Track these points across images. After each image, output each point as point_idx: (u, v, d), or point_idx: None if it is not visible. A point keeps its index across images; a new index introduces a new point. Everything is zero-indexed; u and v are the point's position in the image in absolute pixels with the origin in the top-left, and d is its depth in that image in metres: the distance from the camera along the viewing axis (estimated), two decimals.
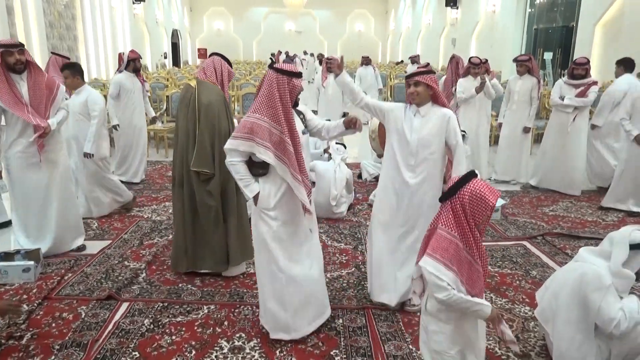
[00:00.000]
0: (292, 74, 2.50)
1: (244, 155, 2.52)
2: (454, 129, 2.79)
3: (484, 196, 1.88)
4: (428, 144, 2.80)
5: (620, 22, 10.66)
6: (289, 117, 2.48)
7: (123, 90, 5.67)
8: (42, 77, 3.61)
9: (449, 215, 1.95)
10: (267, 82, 2.49)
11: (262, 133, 2.44)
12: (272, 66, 2.53)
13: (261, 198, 2.55)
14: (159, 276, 3.52)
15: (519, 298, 3.28)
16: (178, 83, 10.78)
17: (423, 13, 22.82)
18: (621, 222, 4.78)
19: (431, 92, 2.78)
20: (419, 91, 2.76)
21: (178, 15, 24.93)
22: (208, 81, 3.25)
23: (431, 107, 2.81)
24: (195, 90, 3.21)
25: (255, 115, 2.47)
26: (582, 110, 5.40)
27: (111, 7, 15.14)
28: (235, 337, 2.79)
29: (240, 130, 2.48)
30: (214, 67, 3.30)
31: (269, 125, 2.45)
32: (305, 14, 29.30)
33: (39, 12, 10.09)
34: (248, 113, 2.50)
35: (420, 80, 2.75)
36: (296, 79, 2.51)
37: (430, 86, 2.76)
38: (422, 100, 2.80)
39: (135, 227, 4.48)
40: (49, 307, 3.07)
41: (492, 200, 1.88)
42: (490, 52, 14.49)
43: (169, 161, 7.11)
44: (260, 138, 2.44)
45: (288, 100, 2.48)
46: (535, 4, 15.30)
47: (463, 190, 1.92)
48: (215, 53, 3.41)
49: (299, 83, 2.52)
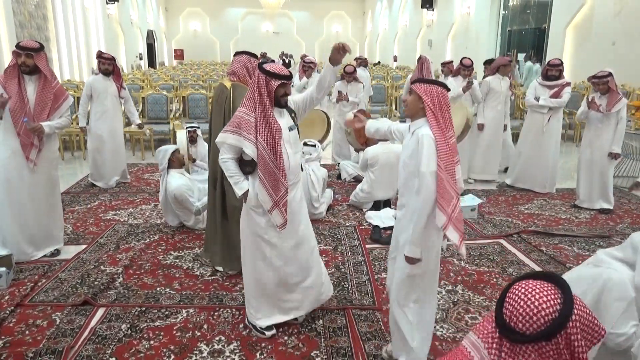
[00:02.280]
0: (272, 75, 2.50)
1: (235, 151, 2.56)
2: (425, 156, 2.18)
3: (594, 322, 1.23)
4: (410, 171, 2.31)
5: (589, 25, 10.97)
6: (267, 115, 2.50)
7: (94, 93, 5.57)
8: (50, 84, 3.63)
9: None
10: (254, 80, 2.54)
11: (248, 127, 2.49)
12: (260, 65, 2.56)
13: (250, 195, 2.60)
14: (136, 280, 3.47)
15: (496, 295, 3.34)
16: (154, 84, 10.63)
17: (399, 14, 23.05)
18: (593, 219, 4.92)
19: (421, 104, 2.26)
20: (409, 101, 2.33)
21: (153, 16, 24.60)
22: (241, 83, 3.25)
23: (424, 123, 2.27)
24: (230, 94, 3.24)
25: (242, 110, 2.53)
26: (557, 111, 5.54)
27: (84, 7, 14.84)
28: (215, 340, 2.76)
29: (230, 125, 2.54)
30: (245, 67, 3.28)
31: (255, 121, 2.50)
32: (282, 15, 29.25)
33: (8, 12, 9.82)
34: (239, 108, 2.56)
35: (414, 88, 2.30)
36: (275, 80, 2.50)
37: (421, 97, 2.25)
38: (411, 113, 2.34)
39: (111, 230, 4.40)
40: (22, 315, 2.99)
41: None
42: (465, 53, 14.68)
43: (146, 164, 7.01)
44: (247, 132, 2.49)
45: (266, 100, 2.49)
46: (508, 6, 15.61)
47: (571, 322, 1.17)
48: (243, 52, 3.39)
49: (277, 84, 2.51)
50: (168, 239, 4.23)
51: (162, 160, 4.42)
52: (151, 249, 4.02)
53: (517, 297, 1.20)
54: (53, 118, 3.67)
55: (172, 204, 4.33)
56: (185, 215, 4.39)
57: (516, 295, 1.20)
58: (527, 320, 1.17)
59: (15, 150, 3.56)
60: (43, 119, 3.59)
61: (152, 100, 8.17)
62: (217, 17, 29.09)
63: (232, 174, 2.59)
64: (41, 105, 3.59)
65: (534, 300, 1.17)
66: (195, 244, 4.14)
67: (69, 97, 3.81)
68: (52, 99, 3.65)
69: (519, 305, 1.18)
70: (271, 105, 2.52)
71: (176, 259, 3.84)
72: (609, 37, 10.16)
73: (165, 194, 4.34)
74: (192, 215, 4.38)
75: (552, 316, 1.15)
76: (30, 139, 3.54)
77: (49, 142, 3.73)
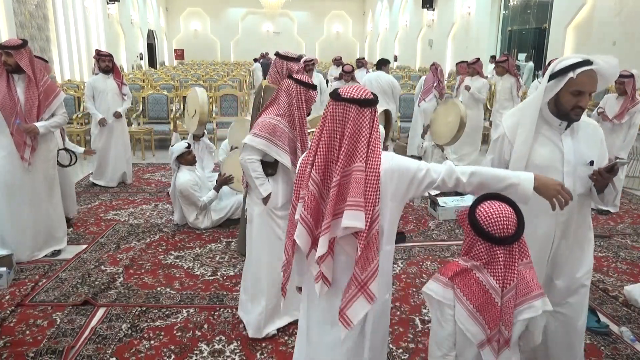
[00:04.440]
0: (309, 85, 2.56)
1: (261, 153, 2.55)
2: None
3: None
4: None
5: (590, 25, 10.96)
6: (303, 125, 2.56)
7: (96, 92, 5.61)
8: (36, 82, 3.56)
9: None
10: (286, 89, 2.53)
11: (282, 136, 2.52)
12: (290, 76, 2.57)
13: (272, 197, 2.61)
14: (136, 280, 3.47)
15: None
16: (154, 84, 10.64)
17: (400, 14, 23.05)
18: (593, 219, 4.89)
19: None
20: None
21: (154, 16, 24.60)
22: (272, 85, 3.27)
23: None
24: (262, 96, 3.29)
25: (277, 119, 2.52)
26: None
27: (84, 7, 14.85)
28: (215, 340, 2.77)
29: (263, 130, 2.51)
30: (276, 69, 3.31)
31: (288, 130, 2.54)
32: (283, 15, 29.24)
33: (9, 12, 9.83)
34: (268, 114, 2.54)
35: None
36: (313, 90, 2.57)
37: None
38: None
39: (111, 230, 4.41)
40: (22, 314, 2.99)
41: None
42: (465, 53, 14.70)
43: (146, 163, 7.01)
44: (280, 141, 2.52)
45: (304, 110, 2.56)
46: (509, 6, 15.60)
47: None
48: (276, 53, 3.41)
49: (315, 95, 2.59)
50: (168, 239, 4.23)
51: (171, 159, 4.50)
52: (152, 249, 4.02)
53: (491, 214, 1.54)
54: (45, 116, 3.63)
55: (179, 198, 4.40)
56: (189, 212, 4.42)
57: (489, 213, 1.54)
58: (505, 227, 1.52)
59: (11, 151, 3.54)
60: (34, 118, 3.55)
61: (153, 100, 8.17)
62: (217, 17, 29.09)
63: (258, 175, 2.57)
64: (29, 104, 3.53)
65: (504, 212, 1.54)
66: (196, 243, 4.14)
67: (60, 93, 3.75)
68: (42, 97, 3.58)
69: (495, 219, 1.53)
70: (307, 114, 2.60)
71: (177, 259, 3.84)
72: (609, 37, 10.15)
73: (174, 189, 4.44)
74: (194, 212, 4.41)
75: (516, 223, 1.54)
76: (23, 139, 3.52)
77: (44, 141, 3.70)
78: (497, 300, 1.50)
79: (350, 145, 1.51)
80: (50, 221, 3.84)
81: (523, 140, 2.01)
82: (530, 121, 2.00)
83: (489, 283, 1.51)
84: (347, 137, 1.51)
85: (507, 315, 1.51)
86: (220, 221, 4.50)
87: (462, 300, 1.53)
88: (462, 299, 1.53)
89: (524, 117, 2.04)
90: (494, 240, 1.51)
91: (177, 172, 4.45)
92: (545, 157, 2.01)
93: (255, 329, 2.74)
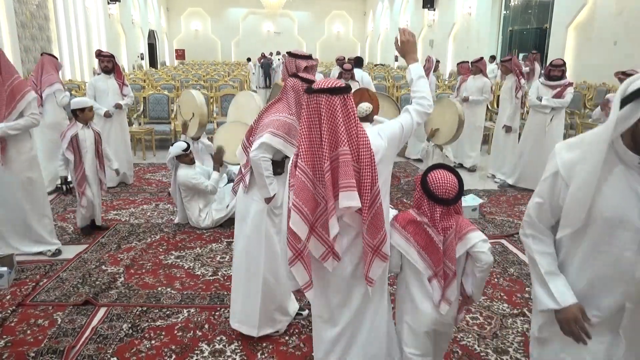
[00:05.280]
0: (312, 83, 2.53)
1: (273, 152, 2.53)
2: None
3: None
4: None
5: (591, 25, 10.95)
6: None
7: (97, 92, 5.63)
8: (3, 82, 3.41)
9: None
10: (292, 87, 2.51)
11: (296, 135, 2.49)
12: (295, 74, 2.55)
13: (276, 197, 2.58)
14: (137, 280, 3.47)
15: (497, 295, 3.33)
16: (155, 84, 10.64)
17: (401, 14, 23.05)
18: None
19: None
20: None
21: (155, 16, 24.62)
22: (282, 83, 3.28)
23: None
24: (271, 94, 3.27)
25: (291, 117, 2.50)
26: (559, 111, 5.54)
27: (85, 7, 14.87)
28: (216, 340, 2.77)
29: (280, 129, 2.47)
30: (286, 68, 3.31)
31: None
32: (283, 15, 29.28)
33: (10, 12, 9.84)
34: (281, 113, 2.51)
35: None
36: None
37: None
38: None
39: (112, 230, 4.41)
40: (23, 314, 3.00)
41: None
42: (466, 53, 14.70)
43: (147, 163, 7.02)
44: (295, 140, 2.49)
45: None
46: (510, 6, 15.60)
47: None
48: (287, 52, 3.41)
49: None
50: (169, 239, 4.23)
51: (169, 159, 4.50)
52: (152, 249, 4.02)
53: (438, 180, 1.89)
54: (12, 117, 3.46)
55: (181, 196, 4.43)
56: (192, 209, 4.45)
57: (437, 179, 1.90)
58: (448, 190, 1.88)
59: None
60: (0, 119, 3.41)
61: (154, 100, 8.17)
62: (218, 17, 29.12)
63: (270, 174, 2.53)
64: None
65: (449, 180, 1.90)
66: (197, 243, 4.14)
67: (29, 93, 3.55)
68: (8, 97, 3.43)
69: (441, 184, 1.88)
70: None
71: (177, 259, 3.84)
72: (610, 37, 10.15)
73: (175, 187, 4.47)
74: (196, 211, 4.43)
75: (457, 191, 1.90)
76: None
77: (15, 142, 3.53)
78: (439, 245, 1.89)
79: (330, 132, 1.68)
80: (32, 223, 3.73)
81: (583, 181, 1.49)
82: (596, 158, 1.46)
83: (433, 233, 1.91)
84: (325, 125, 1.68)
85: (450, 253, 1.89)
86: (222, 220, 4.51)
87: (413, 243, 1.94)
88: (413, 243, 1.94)
89: (587, 152, 1.51)
90: (436, 199, 1.88)
91: (175, 171, 4.46)
92: (616, 207, 1.48)
93: (250, 326, 2.73)
